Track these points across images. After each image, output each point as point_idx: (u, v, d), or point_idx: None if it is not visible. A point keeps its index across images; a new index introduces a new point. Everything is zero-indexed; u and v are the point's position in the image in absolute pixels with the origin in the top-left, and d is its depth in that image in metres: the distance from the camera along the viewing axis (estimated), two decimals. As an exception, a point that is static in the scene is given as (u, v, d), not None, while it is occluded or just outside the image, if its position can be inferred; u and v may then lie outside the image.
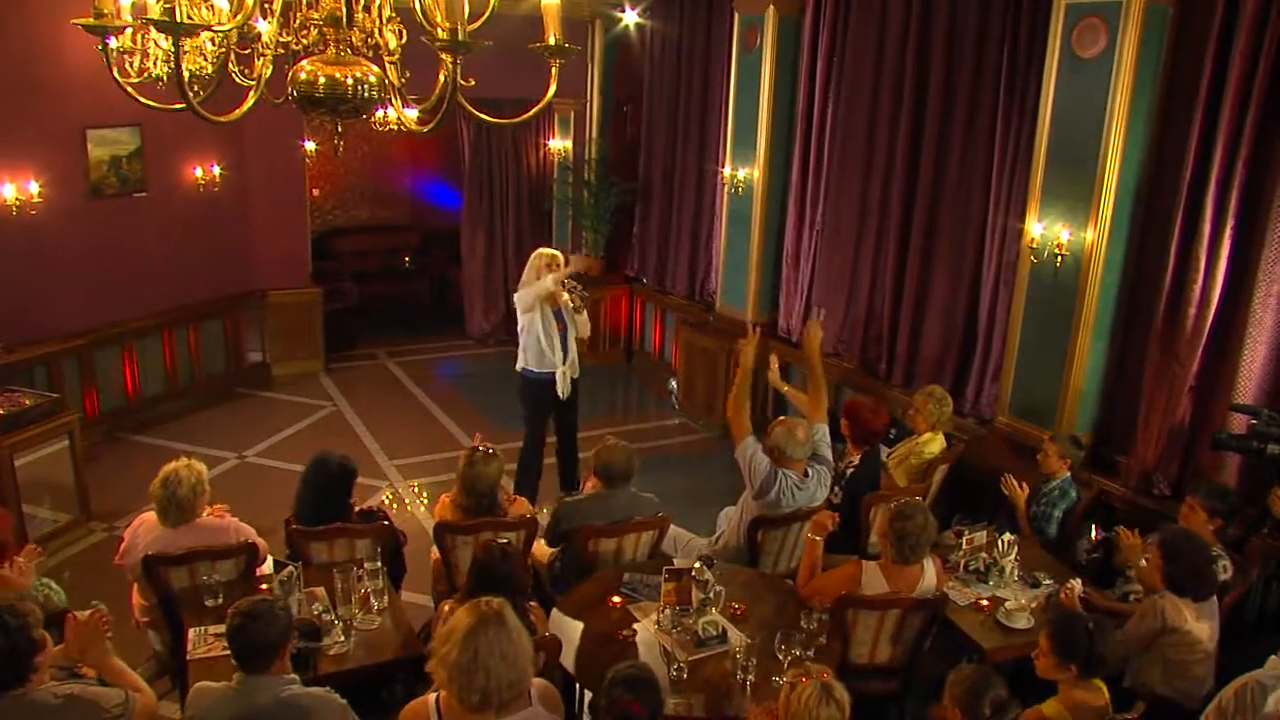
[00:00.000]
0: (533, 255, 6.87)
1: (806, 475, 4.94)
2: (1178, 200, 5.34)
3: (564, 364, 6.86)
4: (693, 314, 9.70)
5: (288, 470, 7.77)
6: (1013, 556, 4.73)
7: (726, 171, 8.74)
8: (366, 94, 3.32)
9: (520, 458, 7.18)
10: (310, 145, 10.34)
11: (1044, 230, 5.84)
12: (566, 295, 6.68)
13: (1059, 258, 5.76)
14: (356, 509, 4.98)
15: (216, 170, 9.01)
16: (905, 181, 7.19)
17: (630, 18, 10.02)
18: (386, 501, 7.48)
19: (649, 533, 4.87)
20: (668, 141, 10.06)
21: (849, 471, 5.55)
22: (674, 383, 9.54)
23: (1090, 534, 5.44)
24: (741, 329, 8.69)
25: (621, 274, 10.97)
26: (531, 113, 3.64)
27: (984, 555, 4.82)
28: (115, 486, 7.32)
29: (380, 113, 10.80)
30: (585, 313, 6.89)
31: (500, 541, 3.95)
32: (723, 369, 8.65)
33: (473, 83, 3.21)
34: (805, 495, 4.92)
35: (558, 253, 6.89)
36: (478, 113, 3.50)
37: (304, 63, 3.26)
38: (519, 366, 6.96)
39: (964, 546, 4.86)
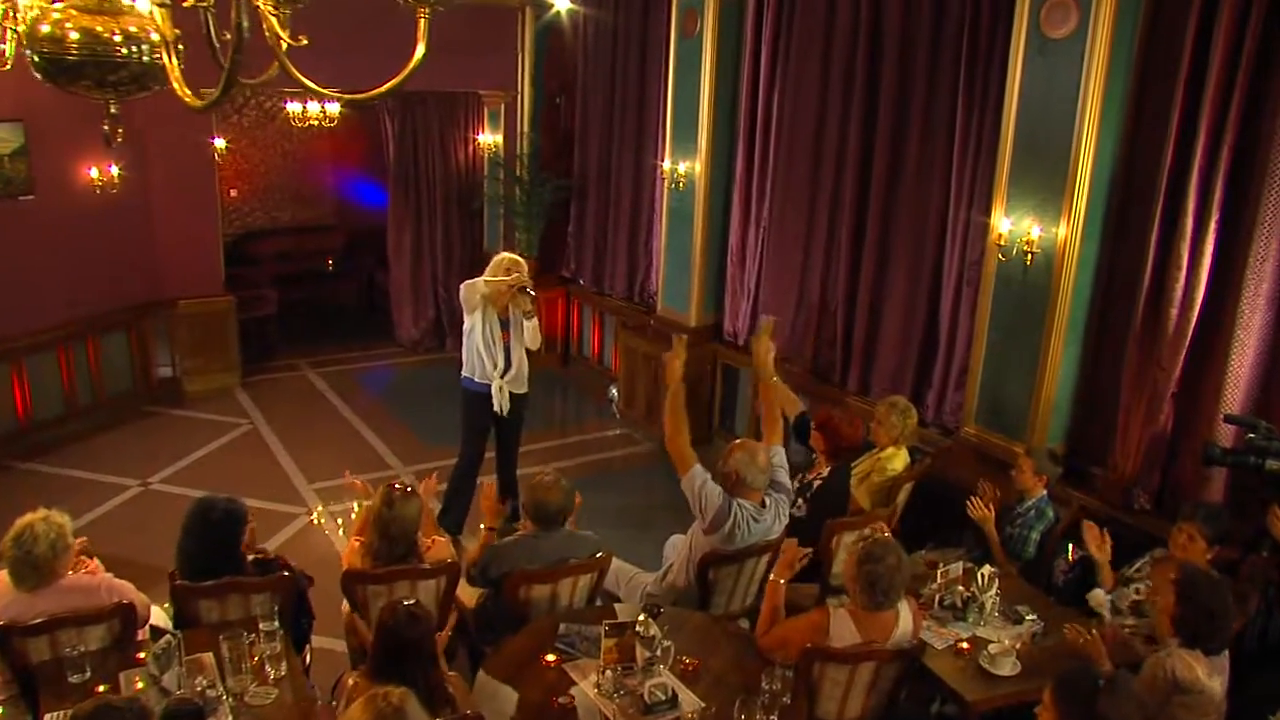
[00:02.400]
0: (494, 260, 6.28)
1: (764, 505, 4.43)
2: (1157, 192, 4.92)
3: (502, 377, 6.28)
4: (633, 317, 9.17)
5: (196, 498, 7.12)
6: (994, 592, 4.27)
7: (666, 166, 8.21)
8: (147, 58, 2.42)
9: (450, 478, 6.60)
10: (220, 143, 9.65)
11: (1012, 226, 5.40)
12: (522, 299, 6.15)
13: (1029, 255, 5.32)
14: (251, 556, 4.37)
15: (115, 170, 8.25)
16: (858, 174, 6.72)
17: (562, 4, 9.45)
18: (315, 520, 6.89)
19: (587, 576, 4.33)
20: (603, 135, 9.50)
21: (816, 484, 5.05)
22: (614, 390, 9.01)
23: (1067, 553, 5.02)
24: (684, 332, 8.22)
25: (557, 275, 10.39)
26: (387, 86, 2.70)
27: (961, 589, 4.35)
28: None
29: (297, 106, 10.19)
30: (536, 319, 6.33)
31: (407, 603, 3.38)
32: (664, 375, 8.10)
33: (304, 41, 2.49)
34: (762, 528, 4.41)
35: (521, 259, 6.30)
36: (311, 83, 2.64)
37: (52, 9, 2.36)
38: (463, 373, 6.41)
39: (938, 580, 4.39)
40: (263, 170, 12.44)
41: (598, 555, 4.37)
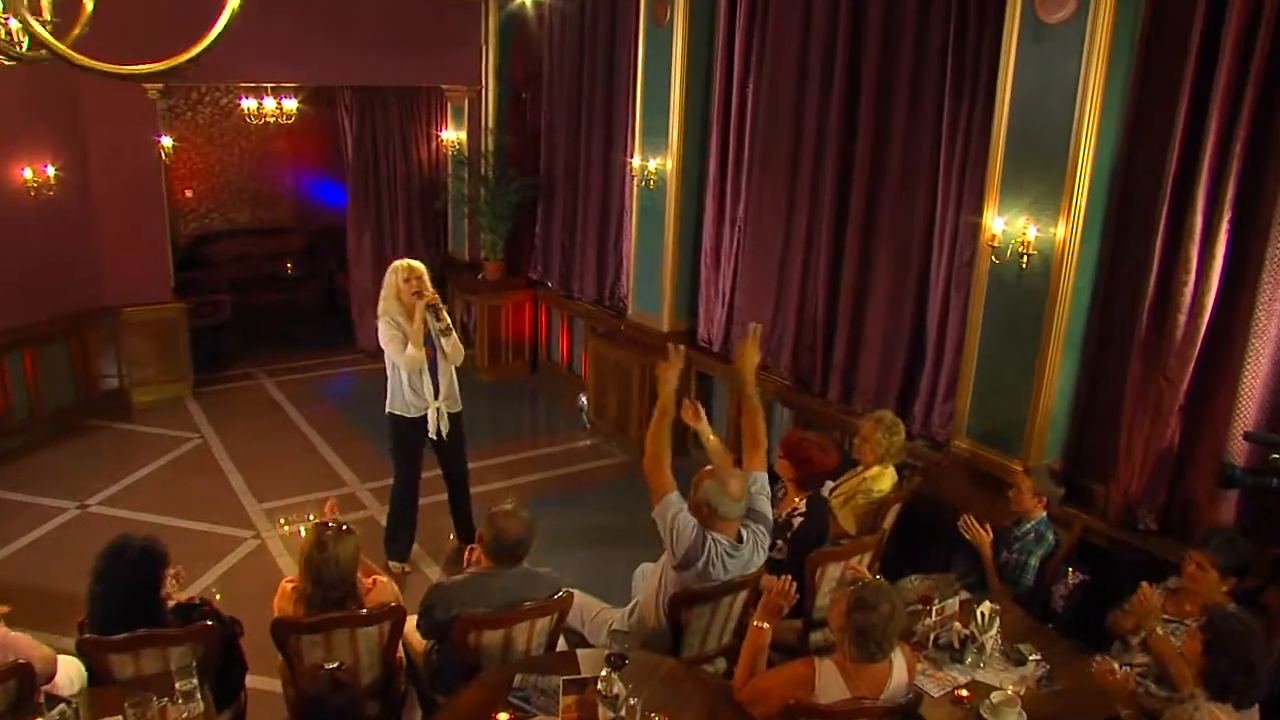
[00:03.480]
0: (389, 270, 5.77)
1: (741, 539, 4.01)
2: (1163, 189, 4.52)
3: (437, 399, 5.82)
4: (603, 321, 8.74)
5: (139, 521, 6.71)
6: (994, 631, 3.88)
7: (636, 162, 7.79)
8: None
9: (389, 506, 6.21)
10: (168, 141, 9.17)
11: (1006, 226, 5.00)
12: (431, 319, 5.69)
13: (1024, 257, 4.93)
14: (173, 602, 3.92)
15: (51, 171, 7.78)
16: (838, 170, 6.31)
17: (526, -8, 9.01)
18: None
19: (545, 619, 3.90)
20: (571, 131, 9.06)
21: (797, 522, 4.64)
22: (584, 399, 8.58)
23: (1067, 577, 4.65)
24: (656, 338, 7.82)
25: (524, 277, 9.95)
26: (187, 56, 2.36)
27: (958, 626, 3.96)
28: None
29: (252, 103, 9.68)
30: (454, 333, 5.85)
31: (329, 667, 2.95)
32: (637, 384, 7.72)
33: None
34: (739, 563, 4.00)
35: (418, 264, 5.72)
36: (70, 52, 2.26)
37: None
38: (386, 409, 5.91)
39: (933, 616, 4.00)
40: (219, 170, 11.95)
41: (557, 595, 3.94)
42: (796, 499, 4.73)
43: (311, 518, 6.70)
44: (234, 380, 9.62)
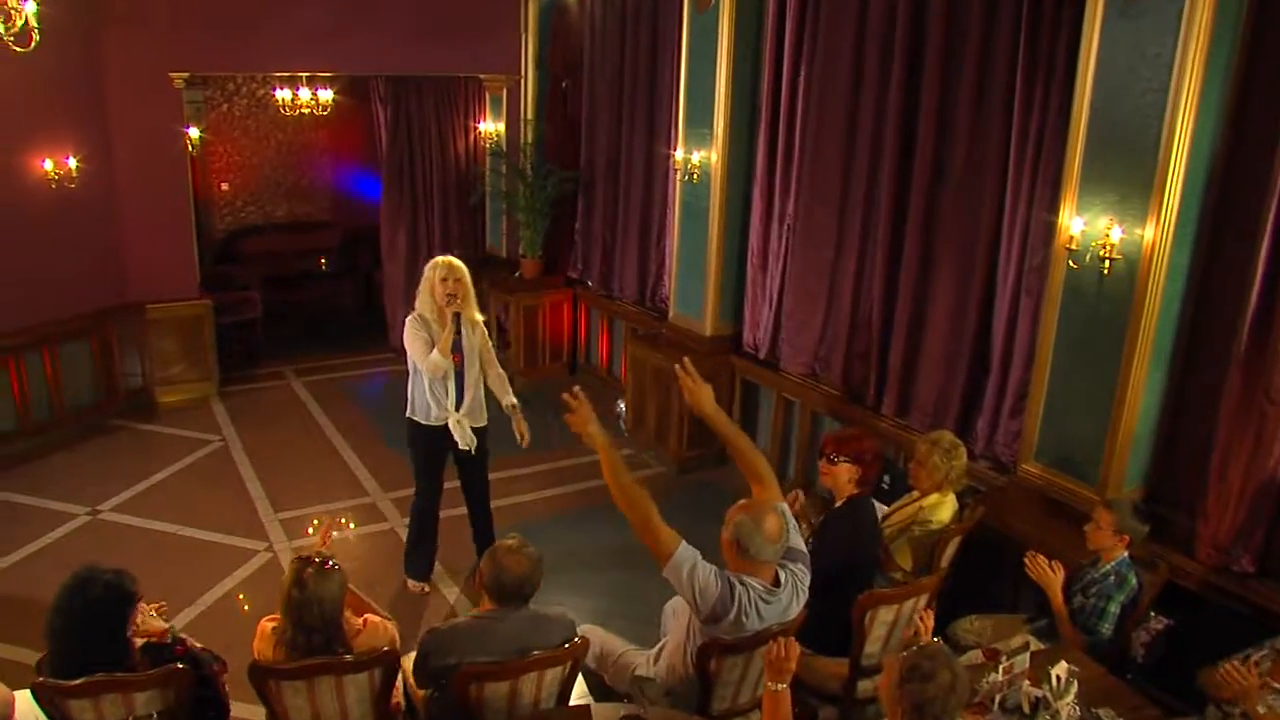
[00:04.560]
0: (428, 265, 5.36)
1: (778, 582, 3.53)
2: (1270, 186, 3.96)
3: (460, 410, 5.40)
4: (644, 323, 8.29)
5: (149, 530, 6.45)
6: (1071, 697, 3.35)
7: (679, 156, 7.31)
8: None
9: (410, 520, 5.82)
10: (194, 131, 8.87)
11: (1085, 226, 4.46)
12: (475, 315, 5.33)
13: (1106, 261, 4.37)
14: (142, 640, 3.53)
15: (72, 162, 7.50)
16: (897, 163, 5.79)
17: (567, -23, 8.59)
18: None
19: (556, 669, 3.45)
20: (612, 122, 8.61)
21: (828, 513, 4.16)
22: (622, 404, 8.13)
23: (1149, 622, 4.11)
24: (700, 342, 7.34)
25: (563, 276, 9.51)
26: None
27: (1029, 686, 3.44)
28: None
29: (287, 93, 9.38)
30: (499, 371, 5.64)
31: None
32: (678, 391, 7.19)
33: None
34: (776, 609, 3.50)
35: (459, 264, 5.30)
36: None
37: None
38: (406, 413, 5.52)
39: (1000, 674, 3.48)
40: (255, 163, 11.68)
41: (570, 642, 3.48)
42: (838, 503, 4.28)
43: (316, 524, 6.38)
44: (262, 380, 9.31)
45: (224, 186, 11.52)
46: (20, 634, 4.97)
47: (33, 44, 5.32)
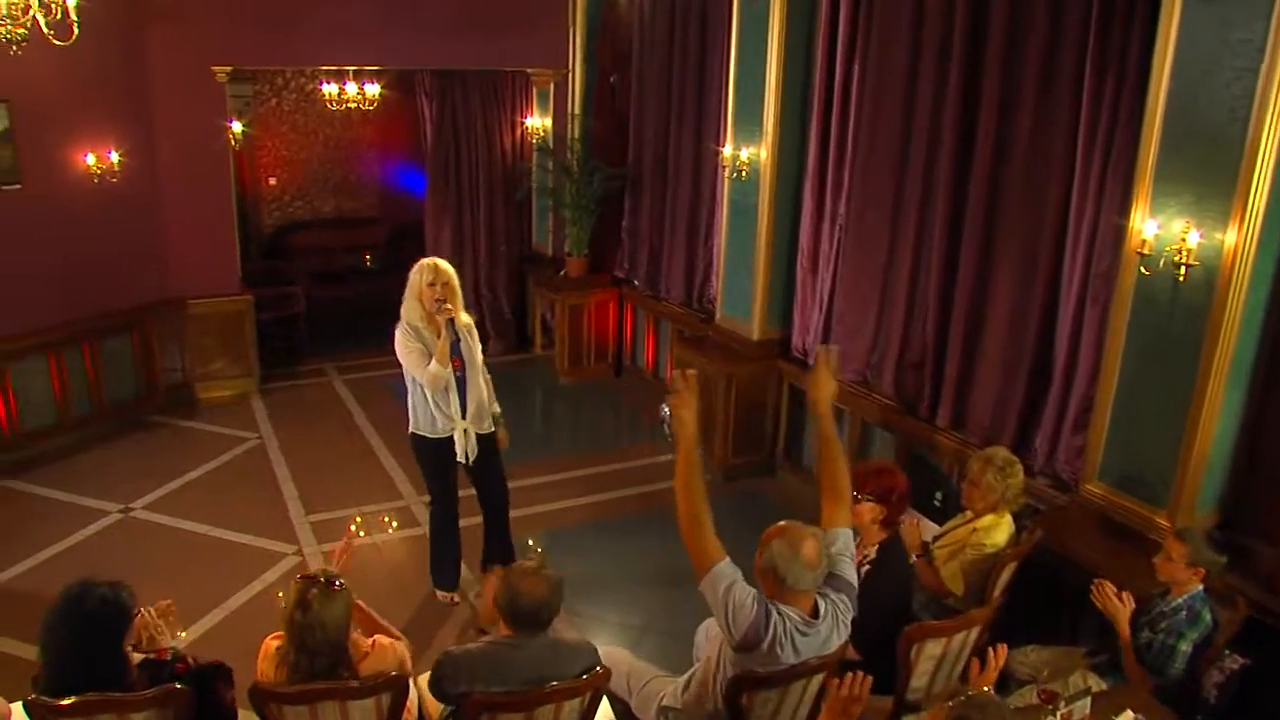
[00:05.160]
0: (412, 270, 5.06)
1: (817, 613, 3.25)
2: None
3: (464, 419, 5.15)
4: (691, 325, 8.03)
5: (179, 530, 6.36)
6: (1139, 749, 3.04)
7: (727, 152, 7.04)
8: None
9: (430, 533, 5.62)
10: (237, 126, 8.79)
11: (1159, 229, 4.11)
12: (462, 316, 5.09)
13: (1181, 268, 4.02)
14: (140, 656, 3.36)
15: (115, 157, 7.44)
16: (955, 161, 5.46)
17: (616, -32, 8.35)
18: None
19: (575, 700, 3.21)
20: (661, 117, 8.36)
21: (863, 571, 3.86)
22: (666, 409, 7.83)
23: (1224, 661, 3.76)
24: (746, 346, 7.07)
25: (609, 275, 9.28)
26: None
27: (1089, 735, 3.14)
28: None
29: (333, 87, 9.26)
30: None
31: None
32: (723, 396, 6.98)
33: None
34: (813, 642, 3.23)
35: (446, 266, 5.01)
36: None
37: None
38: (409, 429, 5.29)
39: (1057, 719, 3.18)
40: (303, 158, 11.64)
41: (591, 672, 3.24)
42: (867, 544, 3.97)
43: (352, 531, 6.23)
44: (303, 377, 9.22)
45: (272, 181, 11.50)
46: (31, 637, 4.83)
47: (73, 37, 5.24)
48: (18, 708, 3.38)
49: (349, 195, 12.07)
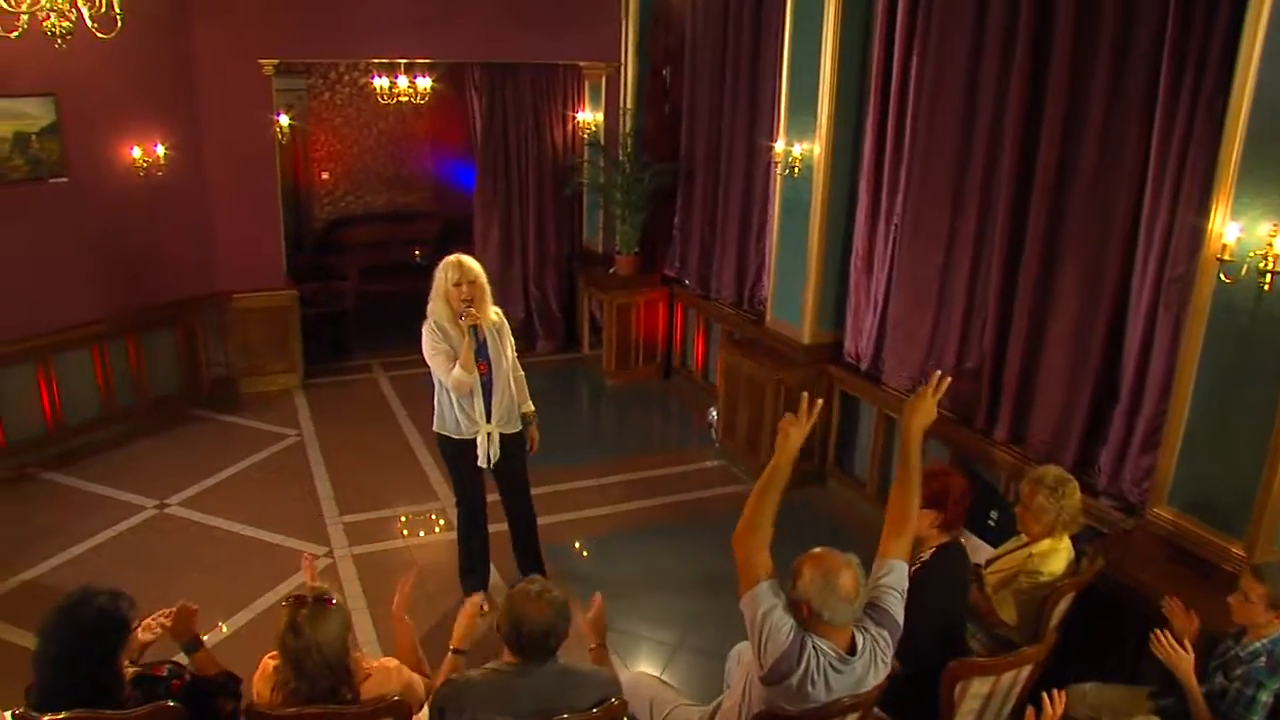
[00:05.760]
0: (438, 269, 4.87)
1: (854, 648, 2.97)
2: None
3: (489, 422, 4.96)
4: (741, 327, 7.75)
5: (211, 528, 6.28)
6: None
7: (779, 147, 6.75)
8: None
9: (457, 543, 5.46)
10: (285, 119, 8.71)
11: (1242, 234, 3.75)
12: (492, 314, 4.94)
13: (1268, 276, 3.67)
14: (134, 670, 3.21)
15: (161, 150, 7.40)
16: (1019, 158, 5.13)
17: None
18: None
19: (587, 732, 2.99)
20: (713, 112, 8.10)
21: (913, 569, 3.59)
22: (714, 413, 7.62)
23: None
24: (796, 350, 6.78)
25: (659, 274, 9.04)
26: None
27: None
28: None
29: (384, 81, 9.14)
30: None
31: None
32: (771, 402, 6.70)
33: None
34: (848, 680, 2.96)
35: (473, 265, 4.82)
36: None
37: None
38: (434, 426, 5.12)
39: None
40: (356, 152, 11.59)
41: (605, 704, 3.01)
42: (926, 550, 3.69)
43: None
44: (348, 373, 9.13)
45: (324, 176, 11.46)
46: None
47: (116, 29, 5.17)
48: (7, 717, 3.24)
49: (402, 190, 11.99)
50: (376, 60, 9.42)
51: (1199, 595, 3.81)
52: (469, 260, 4.82)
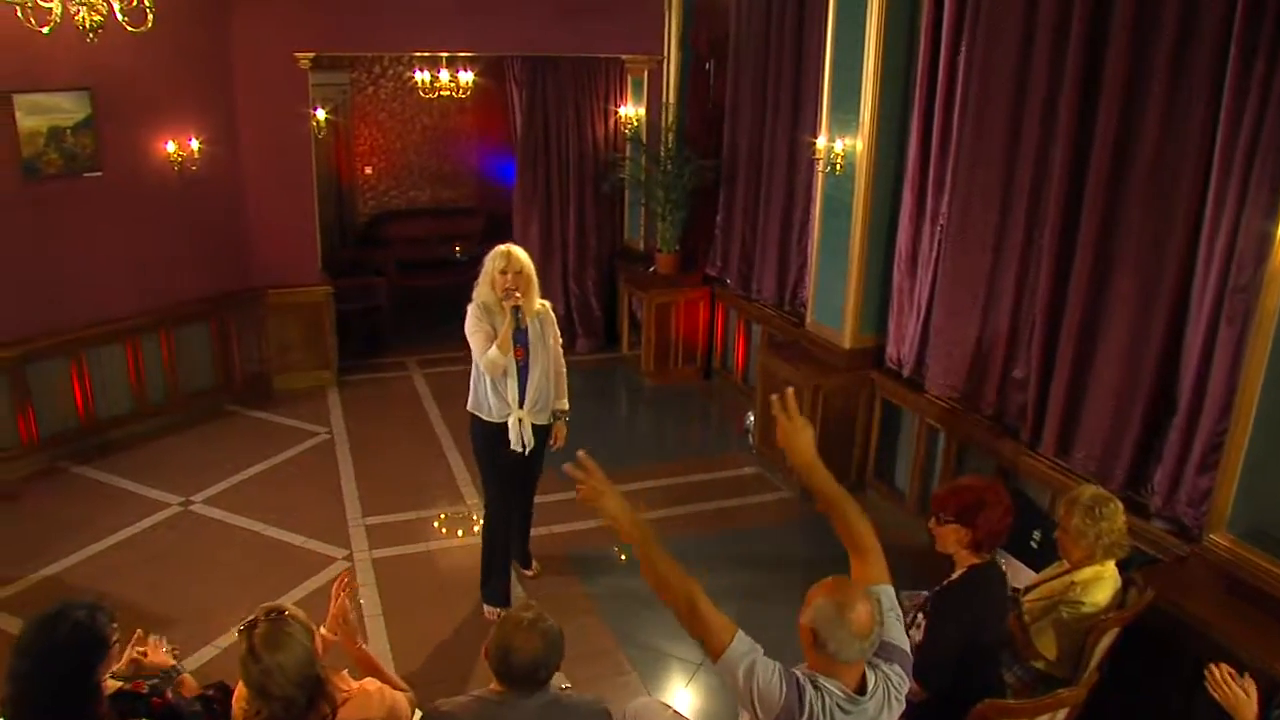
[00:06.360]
0: (487, 257, 4.93)
1: (864, 687, 2.72)
2: None
3: (522, 408, 4.90)
4: (783, 329, 7.50)
5: (232, 527, 6.21)
6: None
7: (821, 143, 6.48)
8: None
9: (481, 540, 5.34)
10: (321, 114, 8.62)
11: (1312, 240, 3.44)
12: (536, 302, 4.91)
13: (1339, 287, 3.35)
14: (116, 685, 3.07)
15: (195, 144, 7.34)
16: (1071, 156, 4.82)
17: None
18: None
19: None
20: (756, 106, 7.84)
21: (942, 586, 3.33)
22: (751, 417, 7.37)
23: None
24: (836, 355, 6.53)
25: (700, 273, 8.81)
26: None
27: None
28: (14, 540, 5.94)
29: (425, 75, 9.01)
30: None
31: None
32: (809, 409, 6.44)
33: None
34: (861, 720, 2.72)
35: (520, 255, 4.84)
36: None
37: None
38: (468, 406, 5.10)
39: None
40: (399, 146, 11.51)
41: (598, 737, 2.81)
42: (954, 573, 3.43)
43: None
44: (384, 369, 9.03)
45: (368, 170, 11.39)
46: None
47: (147, 23, 5.08)
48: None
49: (446, 185, 11.90)
50: (417, 54, 9.29)
51: (1259, 632, 3.52)
52: (518, 250, 4.86)
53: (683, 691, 4.76)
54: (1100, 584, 3.63)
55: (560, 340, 5.15)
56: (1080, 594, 3.61)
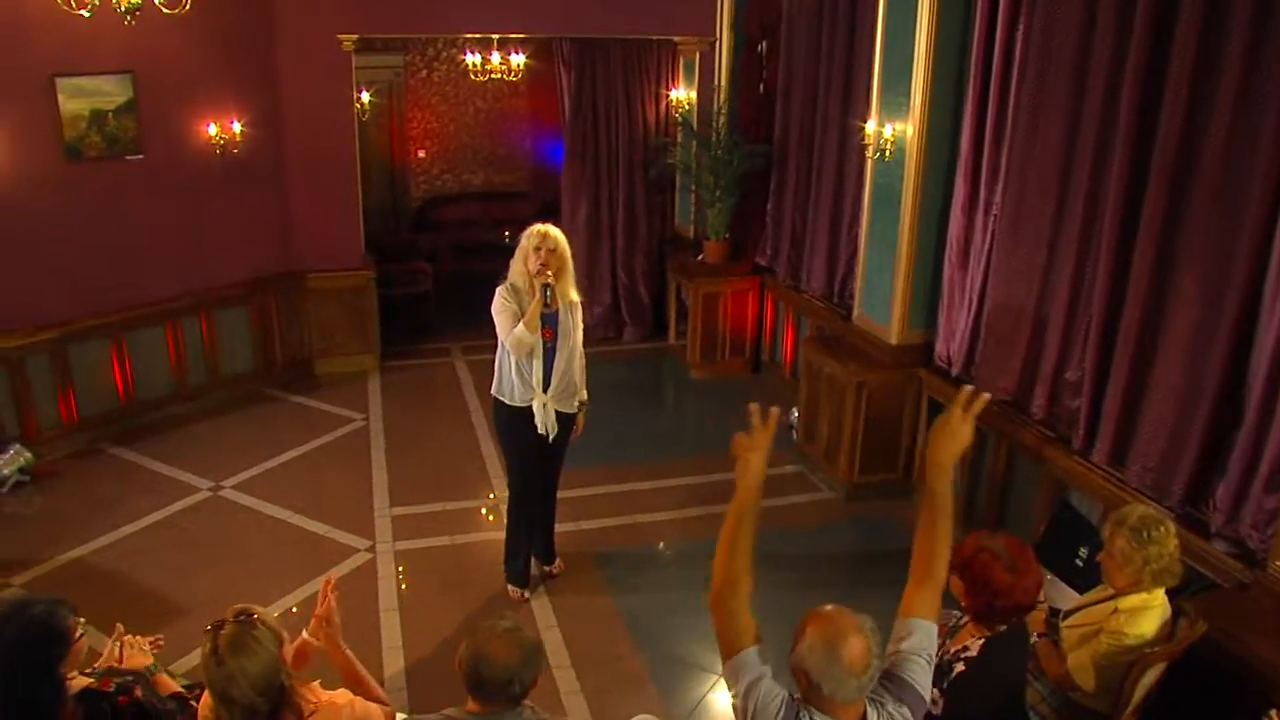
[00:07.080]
0: (524, 235, 4.87)
1: (867, 728, 2.48)
2: None
3: (547, 392, 4.82)
4: (831, 322, 7.20)
5: (259, 514, 6.17)
6: None
7: (870, 127, 6.17)
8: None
9: (506, 522, 5.31)
10: (366, 96, 8.52)
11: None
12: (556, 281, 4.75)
13: None
14: (85, 682, 2.95)
15: (237, 127, 7.28)
16: (1133, 144, 4.47)
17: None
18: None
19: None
20: (808, 90, 7.54)
21: (957, 668, 3.02)
22: (795, 412, 7.09)
23: None
24: (883, 351, 6.23)
25: (749, 262, 8.53)
26: None
27: None
28: (47, 520, 5.98)
29: (476, 58, 8.87)
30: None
31: None
32: (853, 406, 6.17)
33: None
34: (861, 766, 2.47)
35: (555, 233, 4.80)
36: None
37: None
38: (492, 390, 5.03)
39: None
40: (453, 130, 11.40)
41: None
42: (970, 638, 3.09)
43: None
44: (427, 355, 8.93)
45: (420, 154, 11.31)
46: (105, 615, 4.51)
47: (184, 6, 5.02)
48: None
49: (499, 169, 11.77)
50: (469, 36, 9.14)
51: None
52: (554, 229, 4.82)
53: (699, 707, 4.53)
54: (1147, 614, 3.30)
55: (583, 330, 5.05)
56: (1124, 624, 3.29)
